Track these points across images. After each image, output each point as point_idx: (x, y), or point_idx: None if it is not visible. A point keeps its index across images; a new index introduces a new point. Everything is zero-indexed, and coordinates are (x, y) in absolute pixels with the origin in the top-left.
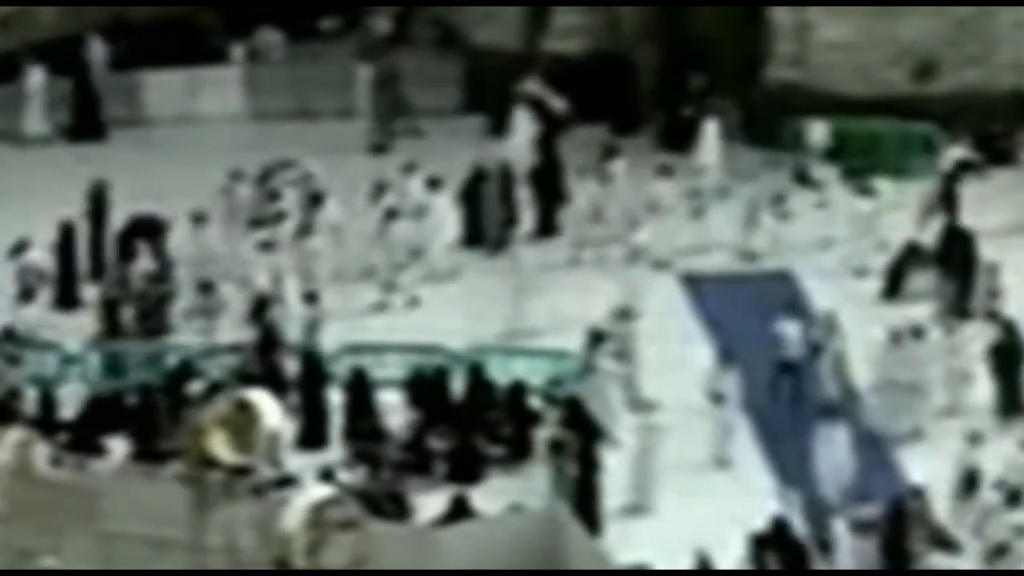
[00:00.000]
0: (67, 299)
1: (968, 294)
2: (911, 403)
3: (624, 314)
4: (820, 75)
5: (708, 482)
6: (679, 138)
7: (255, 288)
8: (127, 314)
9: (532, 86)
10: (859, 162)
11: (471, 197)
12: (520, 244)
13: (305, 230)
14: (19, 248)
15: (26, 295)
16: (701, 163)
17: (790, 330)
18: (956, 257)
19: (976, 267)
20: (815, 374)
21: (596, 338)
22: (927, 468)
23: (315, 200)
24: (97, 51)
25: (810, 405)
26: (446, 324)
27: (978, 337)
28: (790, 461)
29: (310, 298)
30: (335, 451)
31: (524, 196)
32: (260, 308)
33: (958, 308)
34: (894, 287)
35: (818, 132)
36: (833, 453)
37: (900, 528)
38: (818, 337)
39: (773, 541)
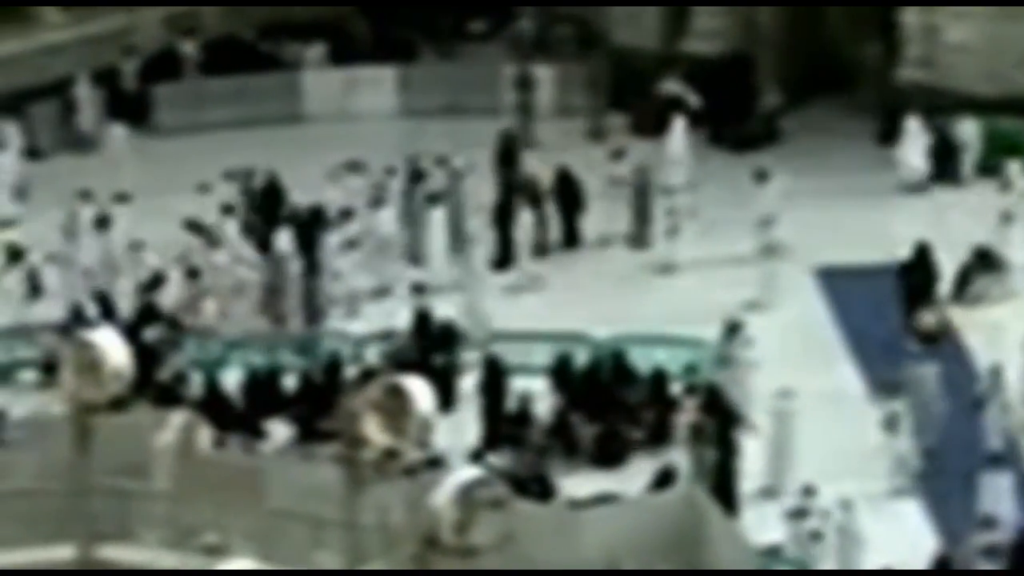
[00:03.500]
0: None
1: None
2: None
3: (755, 305)
4: (948, 75)
5: (839, 466)
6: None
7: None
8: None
9: (672, 85)
10: (988, 160)
11: (503, 215)
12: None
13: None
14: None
15: (35, 292)
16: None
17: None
18: (919, 272)
19: (935, 284)
20: (981, 424)
21: (732, 328)
22: None
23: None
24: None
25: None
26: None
27: None
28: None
29: (418, 289)
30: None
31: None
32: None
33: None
34: (961, 289)
35: (968, 129)
36: (996, 502)
37: None
38: (983, 388)
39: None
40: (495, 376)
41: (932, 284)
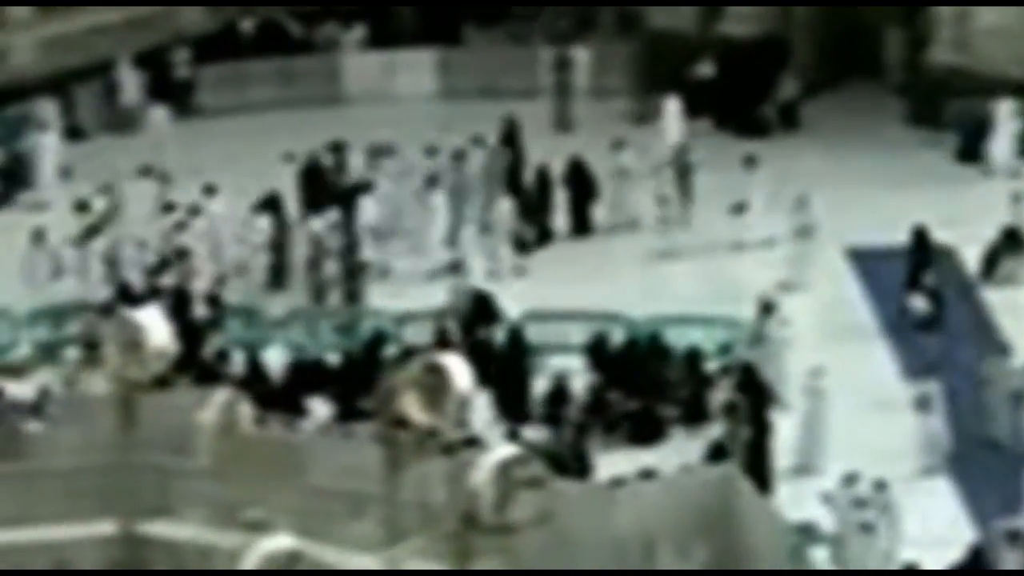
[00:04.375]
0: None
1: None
2: None
3: (787, 286)
4: (981, 58)
5: (870, 445)
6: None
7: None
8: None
9: (706, 68)
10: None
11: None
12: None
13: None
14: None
15: (58, 273)
16: None
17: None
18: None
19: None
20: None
21: (766, 308)
22: None
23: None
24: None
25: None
26: None
27: None
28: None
29: (455, 268)
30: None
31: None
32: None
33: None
34: (989, 269)
35: (1004, 110)
36: None
37: None
38: (1020, 383)
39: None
40: (518, 351)
41: (925, 268)
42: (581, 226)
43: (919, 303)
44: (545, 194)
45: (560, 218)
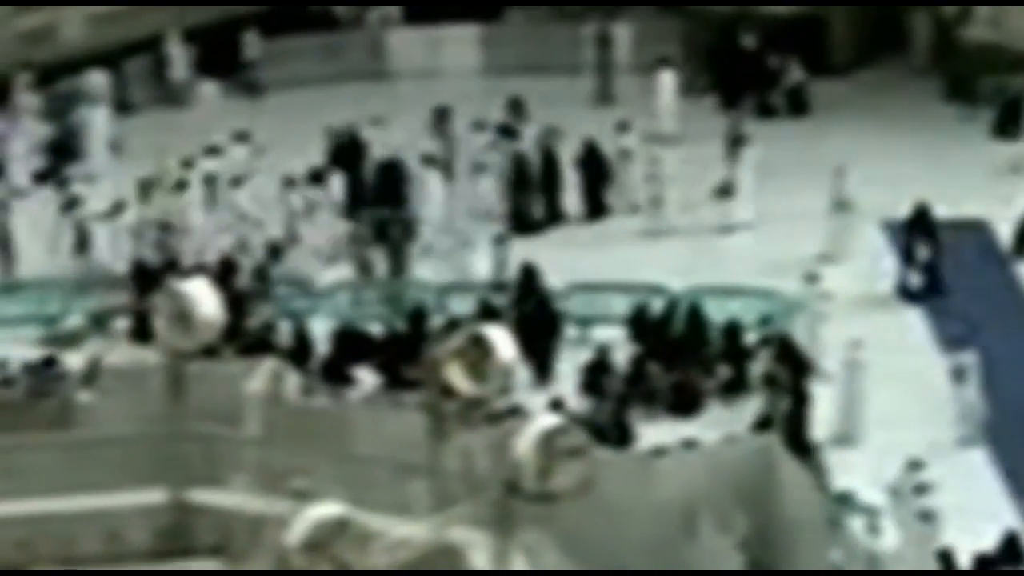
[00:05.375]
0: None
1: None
2: None
3: (826, 258)
4: (1015, 35)
5: (907, 416)
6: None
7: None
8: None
9: (748, 41)
10: None
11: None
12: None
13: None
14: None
15: (81, 246)
16: None
17: None
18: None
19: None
20: None
21: (810, 279)
22: None
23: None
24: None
25: None
26: None
27: None
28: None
29: (500, 240)
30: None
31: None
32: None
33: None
34: (1021, 243)
35: None
36: None
37: None
38: None
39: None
40: (546, 313)
41: (921, 243)
42: (594, 209)
43: (913, 278)
44: (551, 174)
45: (572, 199)
